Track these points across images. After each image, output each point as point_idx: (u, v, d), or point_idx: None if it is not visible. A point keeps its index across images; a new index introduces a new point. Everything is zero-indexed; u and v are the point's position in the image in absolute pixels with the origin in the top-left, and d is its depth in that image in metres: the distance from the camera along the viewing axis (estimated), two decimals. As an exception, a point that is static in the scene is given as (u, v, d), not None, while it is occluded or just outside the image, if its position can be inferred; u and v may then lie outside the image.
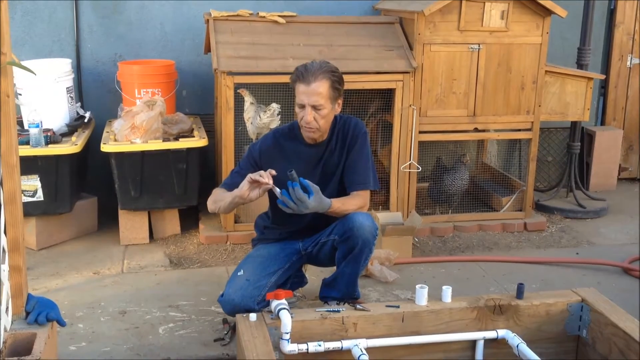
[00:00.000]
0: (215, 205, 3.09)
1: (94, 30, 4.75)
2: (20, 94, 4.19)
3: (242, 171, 3.07)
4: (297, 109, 3.01)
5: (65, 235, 4.28)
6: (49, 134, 4.03)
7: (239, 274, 3.09)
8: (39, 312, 2.33)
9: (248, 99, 4.20)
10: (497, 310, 2.87)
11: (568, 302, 2.93)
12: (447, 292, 2.88)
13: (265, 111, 4.15)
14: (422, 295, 2.85)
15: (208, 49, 4.54)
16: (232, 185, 3.03)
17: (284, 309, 2.64)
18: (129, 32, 4.80)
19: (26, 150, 3.85)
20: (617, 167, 5.61)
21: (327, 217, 3.11)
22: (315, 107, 2.95)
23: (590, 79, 4.65)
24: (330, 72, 2.98)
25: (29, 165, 3.87)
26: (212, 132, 4.60)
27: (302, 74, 2.96)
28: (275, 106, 4.15)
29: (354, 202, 3.05)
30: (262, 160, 3.10)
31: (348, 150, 3.11)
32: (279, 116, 4.16)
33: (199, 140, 4.18)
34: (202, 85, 4.94)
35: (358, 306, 2.83)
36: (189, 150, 4.13)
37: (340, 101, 3.06)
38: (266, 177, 2.84)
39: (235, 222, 4.26)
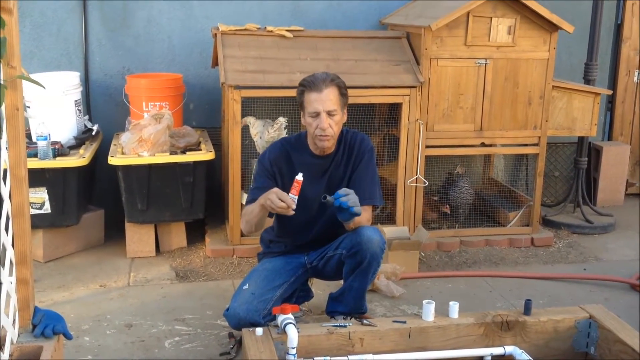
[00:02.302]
0: (248, 224, 3.07)
1: (103, 43, 4.78)
2: (29, 107, 4.22)
3: (260, 186, 3.08)
4: (309, 120, 3.01)
5: (71, 247, 4.28)
6: (56, 146, 4.05)
7: (244, 287, 3.09)
8: (45, 325, 2.32)
9: (252, 122, 4.22)
10: (504, 327, 2.85)
11: (576, 318, 2.91)
12: (454, 307, 2.88)
13: (272, 125, 4.16)
14: (429, 310, 2.84)
15: (216, 63, 4.56)
16: (253, 197, 3.05)
17: (291, 323, 2.63)
18: (137, 46, 4.83)
19: (34, 163, 3.86)
20: (624, 182, 5.59)
21: (332, 230, 3.13)
22: (329, 113, 2.97)
23: (597, 94, 4.65)
24: (337, 79, 3.04)
25: (36, 177, 3.88)
26: (219, 145, 4.61)
27: (312, 82, 2.99)
28: (282, 120, 4.16)
29: (365, 216, 3.05)
30: (273, 169, 3.12)
31: (354, 165, 3.12)
32: (286, 130, 4.16)
33: (205, 154, 4.19)
34: (210, 98, 4.96)
35: (365, 321, 2.82)
36: (196, 163, 4.14)
37: (346, 110, 3.09)
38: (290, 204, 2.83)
39: (242, 235, 4.26)
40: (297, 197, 2.83)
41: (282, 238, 3.28)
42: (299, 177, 2.84)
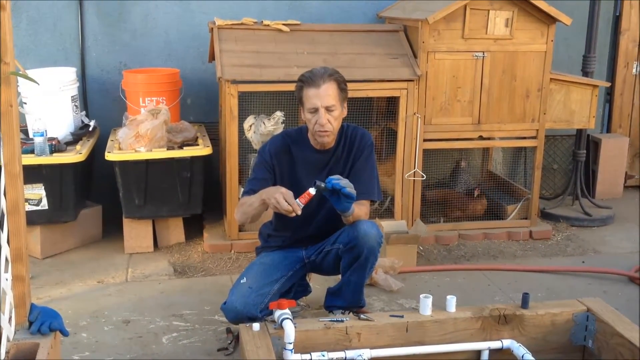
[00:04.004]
0: (245, 215, 3.05)
1: (99, 39, 4.76)
2: (25, 103, 4.21)
3: (258, 177, 3.09)
4: (308, 116, 3.00)
5: (69, 243, 4.28)
6: (53, 142, 4.04)
7: (241, 281, 3.09)
8: (42, 322, 2.31)
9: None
10: (502, 320, 2.85)
11: (574, 311, 2.91)
12: (451, 301, 2.87)
13: (269, 119, 4.16)
14: (426, 305, 2.84)
15: (212, 57, 4.54)
16: (251, 188, 3.04)
17: (288, 318, 2.63)
18: (133, 41, 4.81)
19: (31, 159, 3.86)
20: (623, 174, 5.59)
21: (331, 224, 3.13)
22: (328, 109, 2.96)
23: (595, 86, 4.63)
24: (336, 73, 3.02)
25: (33, 174, 3.87)
26: (216, 140, 4.59)
27: (310, 78, 2.97)
28: (279, 114, 4.15)
29: (363, 210, 3.05)
30: (273, 161, 3.11)
31: (354, 159, 3.12)
32: (283, 124, 4.16)
33: (203, 149, 4.18)
34: (207, 93, 4.94)
35: (362, 316, 2.82)
36: (193, 158, 4.13)
37: (346, 104, 3.08)
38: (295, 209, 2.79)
39: (240, 230, 4.25)
40: (303, 205, 2.80)
41: (281, 232, 3.27)
42: (312, 190, 2.80)
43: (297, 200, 2.79)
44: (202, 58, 4.85)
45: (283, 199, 2.77)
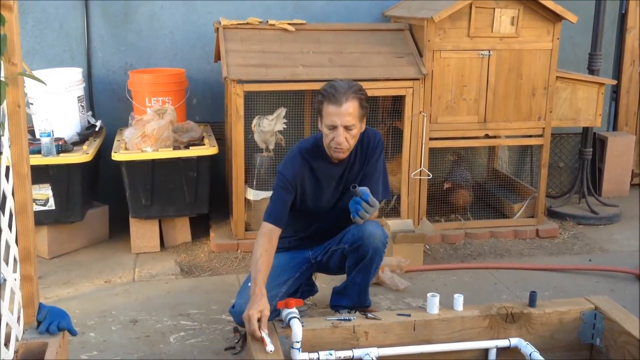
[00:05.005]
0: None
1: (105, 39, 4.77)
2: (32, 103, 4.22)
3: (281, 199, 3.03)
4: (325, 130, 2.95)
5: (76, 243, 4.29)
6: (60, 143, 4.05)
7: (249, 284, 3.08)
8: (50, 321, 2.33)
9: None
10: (509, 319, 2.85)
11: (581, 310, 2.90)
12: (458, 300, 2.87)
13: (272, 113, 4.16)
14: (433, 303, 2.83)
15: (218, 57, 4.55)
16: (274, 214, 3.00)
17: (295, 317, 2.63)
18: (139, 41, 4.82)
19: (38, 160, 3.87)
20: (629, 172, 5.57)
21: (336, 224, 3.12)
22: (347, 128, 2.91)
23: (601, 84, 4.62)
24: (359, 91, 2.94)
25: (40, 174, 3.88)
26: (222, 140, 4.60)
27: (332, 94, 2.89)
28: (282, 109, 4.15)
29: None
30: (297, 182, 3.06)
31: (367, 161, 3.11)
32: (285, 121, 4.16)
33: (209, 149, 4.19)
34: (213, 93, 4.95)
35: (369, 315, 2.82)
36: (200, 158, 4.14)
37: (365, 119, 3.03)
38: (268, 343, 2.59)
39: (246, 230, 4.26)
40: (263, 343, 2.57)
41: (289, 233, 3.24)
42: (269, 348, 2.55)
43: (264, 332, 2.58)
44: (208, 58, 4.85)
45: (248, 321, 2.63)
